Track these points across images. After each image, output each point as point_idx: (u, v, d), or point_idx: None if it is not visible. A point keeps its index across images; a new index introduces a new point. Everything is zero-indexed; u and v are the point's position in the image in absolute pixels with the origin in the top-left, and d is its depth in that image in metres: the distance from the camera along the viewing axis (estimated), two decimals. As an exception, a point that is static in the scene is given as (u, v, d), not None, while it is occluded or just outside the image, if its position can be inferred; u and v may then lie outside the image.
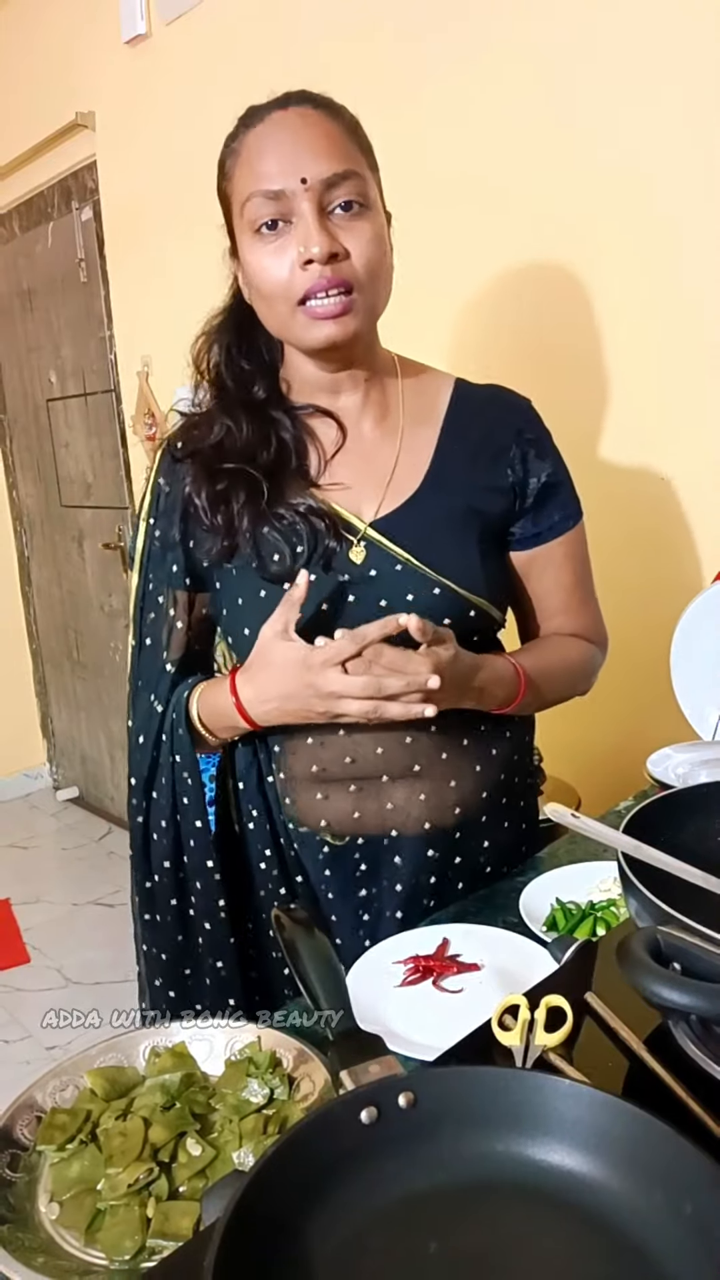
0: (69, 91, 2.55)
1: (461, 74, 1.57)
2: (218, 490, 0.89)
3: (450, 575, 0.88)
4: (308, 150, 0.79)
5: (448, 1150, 0.50)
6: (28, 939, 2.59)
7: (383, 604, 0.87)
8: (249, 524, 0.88)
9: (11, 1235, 0.56)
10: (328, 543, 0.87)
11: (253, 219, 0.81)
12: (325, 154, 0.79)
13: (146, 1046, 0.72)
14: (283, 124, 0.80)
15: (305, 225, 0.79)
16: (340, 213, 0.80)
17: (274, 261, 0.81)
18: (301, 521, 0.87)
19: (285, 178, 0.79)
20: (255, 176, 0.80)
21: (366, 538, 0.89)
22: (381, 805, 0.92)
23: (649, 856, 0.61)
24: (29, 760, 3.63)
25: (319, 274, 0.79)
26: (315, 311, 0.81)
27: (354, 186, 0.80)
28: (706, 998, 0.49)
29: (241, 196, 0.82)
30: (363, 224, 0.81)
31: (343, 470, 0.91)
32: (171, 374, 2.45)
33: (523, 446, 0.94)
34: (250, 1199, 0.43)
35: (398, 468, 0.91)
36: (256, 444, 0.89)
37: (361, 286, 0.81)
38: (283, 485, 0.89)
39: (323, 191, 0.79)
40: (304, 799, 0.94)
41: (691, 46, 1.27)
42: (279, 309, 0.83)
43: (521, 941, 0.83)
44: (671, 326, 1.38)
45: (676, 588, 1.37)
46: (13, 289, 3.15)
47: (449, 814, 0.94)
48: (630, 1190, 0.47)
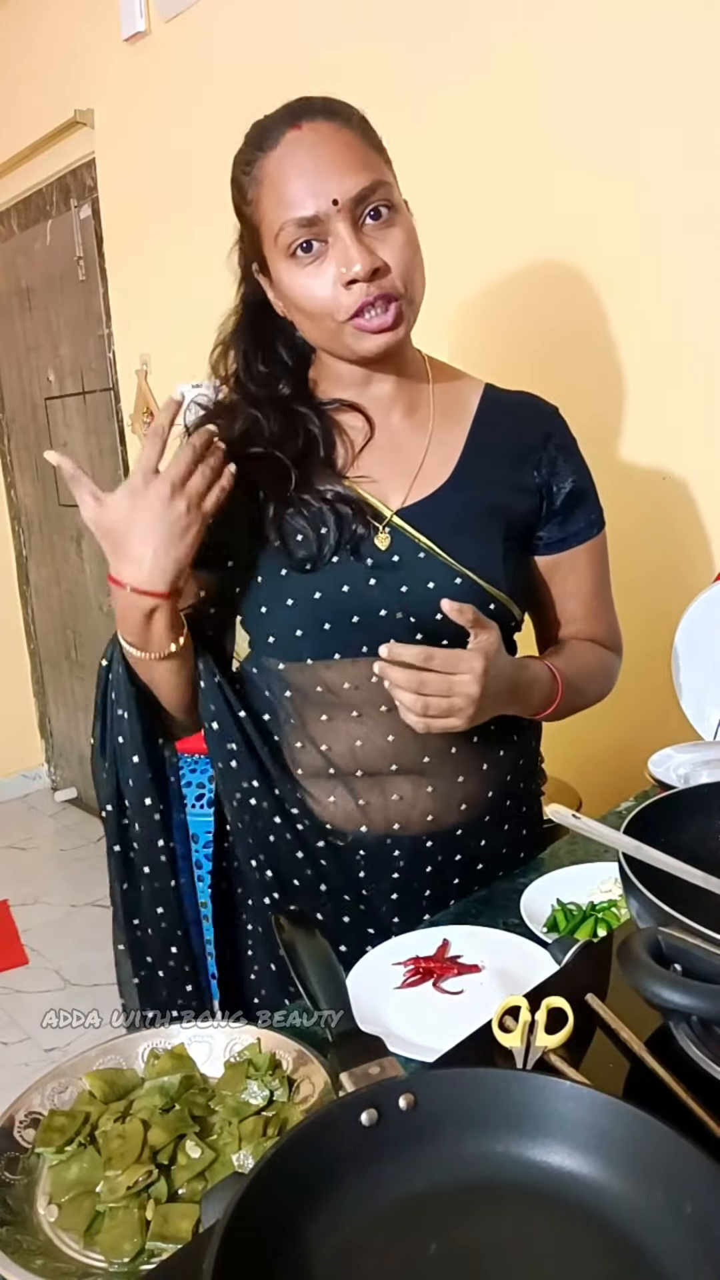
0: (68, 89, 2.55)
1: (461, 73, 1.57)
2: (241, 474, 0.89)
3: (472, 566, 0.89)
4: (331, 169, 0.80)
5: (448, 1152, 0.50)
6: (26, 940, 2.59)
7: (404, 590, 0.88)
8: (274, 510, 0.89)
9: (10, 1237, 0.56)
10: (354, 528, 0.88)
11: (287, 244, 0.82)
12: (349, 169, 0.80)
13: (145, 1048, 0.71)
14: (299, 144, 0.81)
15: (343, 246, 0.80)
16: (371, 222, 0.81)
17: (314, 282, 0.82)
18: (328, 508, 0.88)
19: (316, 201, 0.79)
20: (285, 205, 0.81)
21: (392, 525, 0.90)
22: (387, 799, 0.92)
23: (650, 857, 0.61)
24: (27, 761, 3.62)
25: (364, 292, 0.81)
26: (368, 325, 0.82)
27: (381, 194, 0.81)
28: (707, 999, 0.48)
29: (273, 226, 0.82)
30: (394, 231, 0.82)
31: (370, 461, 0.92)
32: (170, 372, 2.44)
33: (551, 451, 0.95)
34: (250, 1201, 0.43)
35: (426, 460, 0.92)
36: (283, 436, 0.90)
37: (404, 295, 0.83)
38: (310, 474, 0.89)
39: (353, 208, 0.80)
40: (309, 791, 0.94)
41: (692, 46, 1.27)
42: (325, 325, 0.84)
43: (522, 943, 0.83)
44: (674, 325, 1.38)
45: (678, 587, 1.37)
46: (11, 287, 3.14)
47: (454, 811, 0.94)
48: (631, 1191, 0.47)
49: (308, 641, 0.89)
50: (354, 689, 0.90)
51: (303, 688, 0.92)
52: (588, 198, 1.43)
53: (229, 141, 0.88)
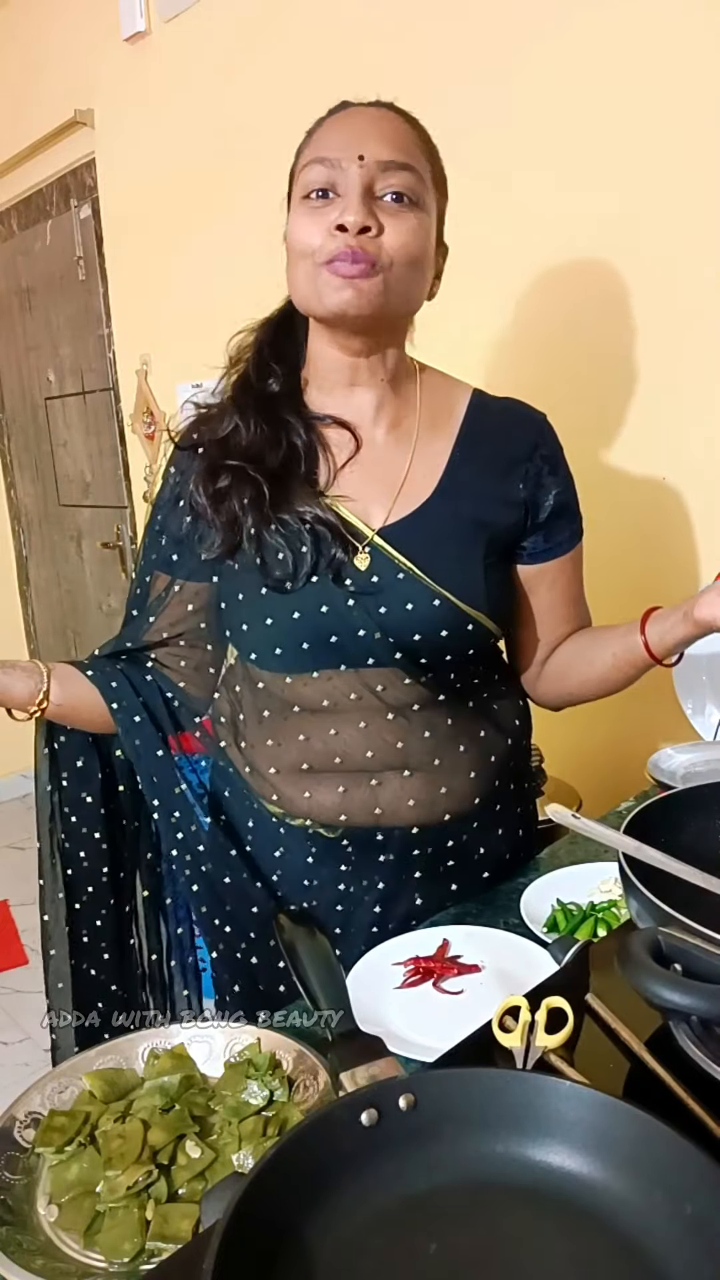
0: (68, 89, 2.55)
1: (462, 73, 1.57)
2: (219, 488, 0.89)
3: (451, 588, 0.88)
4: (374, 134, 0.82)
5: (448, 1152, 0.50)
6: (26, 940, 2.59)
7: (382, 610, 0.87)
8: (253, 525, 0.88)
9: (10, 1238, 0.56)
10: (334, 552, 0.87)
11: (305, 184, 0.83)
12: (390, 141, 0.82)
13: (145, 1048, 0.71)
14: (360, 113, 0.85)
15: (349, 196, 0.81)
16: (389, 200, 0.82)
17: (311, 224, 0.82)
18: (307, 530, 0.87)
19: (344, 150, 0.81)
20: (318, 147, 0.84)
21: (373, 544, 0.89)
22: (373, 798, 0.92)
23: (650, 857, 0.61)
24: (27, 761, 3.60)
25: (345, 241, 0.80)
26: (338, 270, 0.81)
27: (409, 180, 0.82)
28: (707, 999, 0.48)
29: (301, 166, 0.84)
30: (407, 215, 0.82)
31: (353, 478, 0.91)
32: (170, 372, 2.44)
33: (537, 463, 0.94)
34: (250, 1201, 0.43)
35: (409, 476, 0.91)
36: (264, 444, 0.89)
37: (386, 266, 0.82)
38: (289, 491, 0.88)
39: (376, 173, 0.81)
40: (289, 793, 0.94)
41: (695, 45, 1.27)
42: (304, 267, 0.84)
43: (522, 943, 0.83)
44: (674, 325, 1.38)
45: (678, 587, 1.37)
46: (11, 287, 3.14)
47: (438, 810, 0.93)
48: (631, 1191, 0.47)
49: (286, 659, 0.90)
50: (331, 705, 0.90)
51: (282, 698, 0.92)
52: (589, 197, 1.43)
53: (229, 141, 0.88)
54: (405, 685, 0.89)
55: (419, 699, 0.90)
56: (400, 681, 0.89)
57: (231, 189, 2.07)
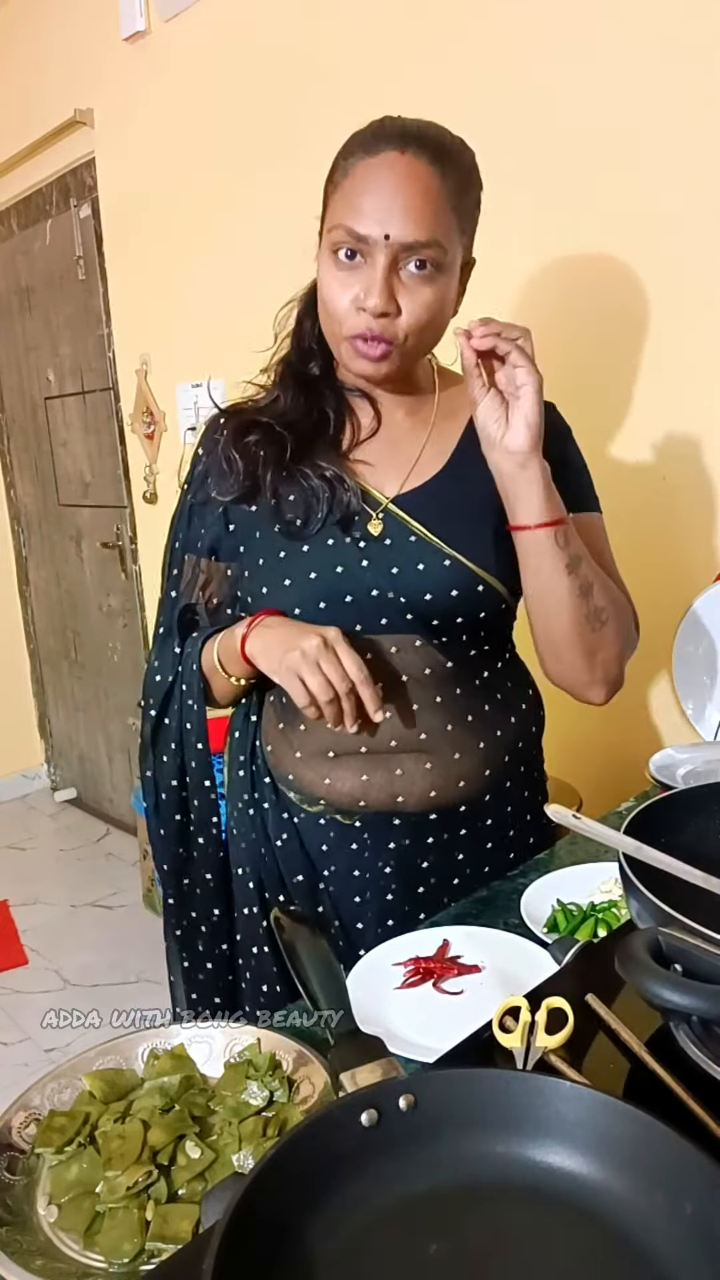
0: (68, 88, 2.55)
1: (463, 73, 1.57)
2: (245, 441, 0.95)
3: (461, 549, 0.92)
4: (401, 208, 0.82)
5: (448, 1152, 0.50)
6: (25, 941, 2.59)
7: (394, 571, 0.92)
8: (271, 473, 0.94)
9: (10, 1238, 0.56)
10: (348, 507, 0.92)
11: (334, 243, 0.86)
12: (416, 218, 0.83)
13: (145, 1049, 0.71)
14: (392, 168, 0.83)
15: (372, 276, 0.84)
16: (412, 271, 0.85)
17: (339, 289, 0.86)
18: (325, 485, 0.93)
19: (371, 226, 0.83)
20: (348, 211, 0.85)
21: (387, 511, 0.94)
22: (391, 775, 0.95)
23: (650, 857, 0.61)
24: (26, 761, 3.62)
25: (365, 324, 0.86)
26: (358, 349, 0.87)
27: (432, 254, 0.84)
28: (707, 999, 0.48)
29: (332, 219, 0.87)
30: (427, 288, 0.85)
31: (371, 450, 0.97)
32: (170, 372, 2.44)
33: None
34: (250, 1201, 0.43)
35: (423, 454, 0.97)
36: (299, 412, 0.95)
37: (401, 343, 0.87)
38: (312, 448, 0.94)
39: (400, 251, 0.84)
40: (311, 774, 0.97)
41: (700, 44, 1.27)
42: (331, 329, 0.90)
43: (522, 943, 0.83)
44: (674, 324, 1.38)
45: (678, 587, 1.37)
46: (11, 287, 3.14)
47: (453, 788, 0.96)
48: (631, 1191, 0.47)
49: (304, 620, 0.92)
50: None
51: None
52: (591, 197, 1.43)
53: (229, 141, 0.89)
54: (418, 648, 0.93)
55: (431, 663, 0.94)
56: (413, 644, 0.93)
57: (231, 188, 2.07)
